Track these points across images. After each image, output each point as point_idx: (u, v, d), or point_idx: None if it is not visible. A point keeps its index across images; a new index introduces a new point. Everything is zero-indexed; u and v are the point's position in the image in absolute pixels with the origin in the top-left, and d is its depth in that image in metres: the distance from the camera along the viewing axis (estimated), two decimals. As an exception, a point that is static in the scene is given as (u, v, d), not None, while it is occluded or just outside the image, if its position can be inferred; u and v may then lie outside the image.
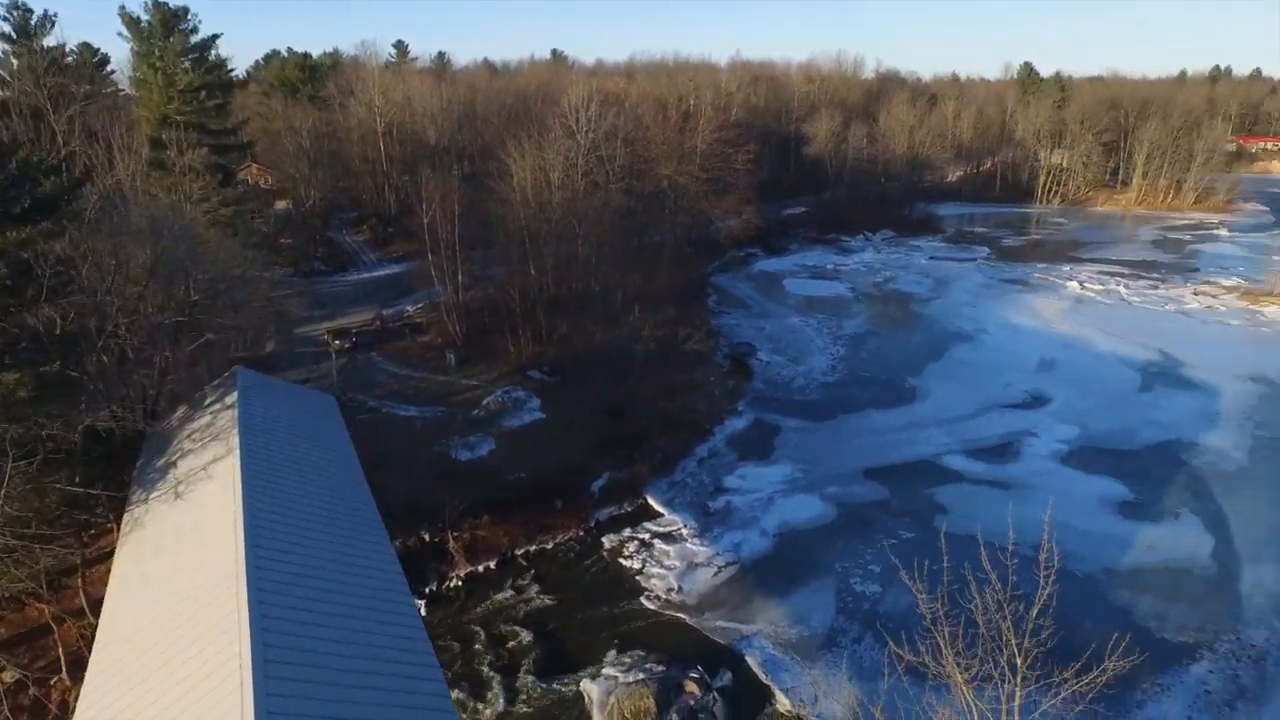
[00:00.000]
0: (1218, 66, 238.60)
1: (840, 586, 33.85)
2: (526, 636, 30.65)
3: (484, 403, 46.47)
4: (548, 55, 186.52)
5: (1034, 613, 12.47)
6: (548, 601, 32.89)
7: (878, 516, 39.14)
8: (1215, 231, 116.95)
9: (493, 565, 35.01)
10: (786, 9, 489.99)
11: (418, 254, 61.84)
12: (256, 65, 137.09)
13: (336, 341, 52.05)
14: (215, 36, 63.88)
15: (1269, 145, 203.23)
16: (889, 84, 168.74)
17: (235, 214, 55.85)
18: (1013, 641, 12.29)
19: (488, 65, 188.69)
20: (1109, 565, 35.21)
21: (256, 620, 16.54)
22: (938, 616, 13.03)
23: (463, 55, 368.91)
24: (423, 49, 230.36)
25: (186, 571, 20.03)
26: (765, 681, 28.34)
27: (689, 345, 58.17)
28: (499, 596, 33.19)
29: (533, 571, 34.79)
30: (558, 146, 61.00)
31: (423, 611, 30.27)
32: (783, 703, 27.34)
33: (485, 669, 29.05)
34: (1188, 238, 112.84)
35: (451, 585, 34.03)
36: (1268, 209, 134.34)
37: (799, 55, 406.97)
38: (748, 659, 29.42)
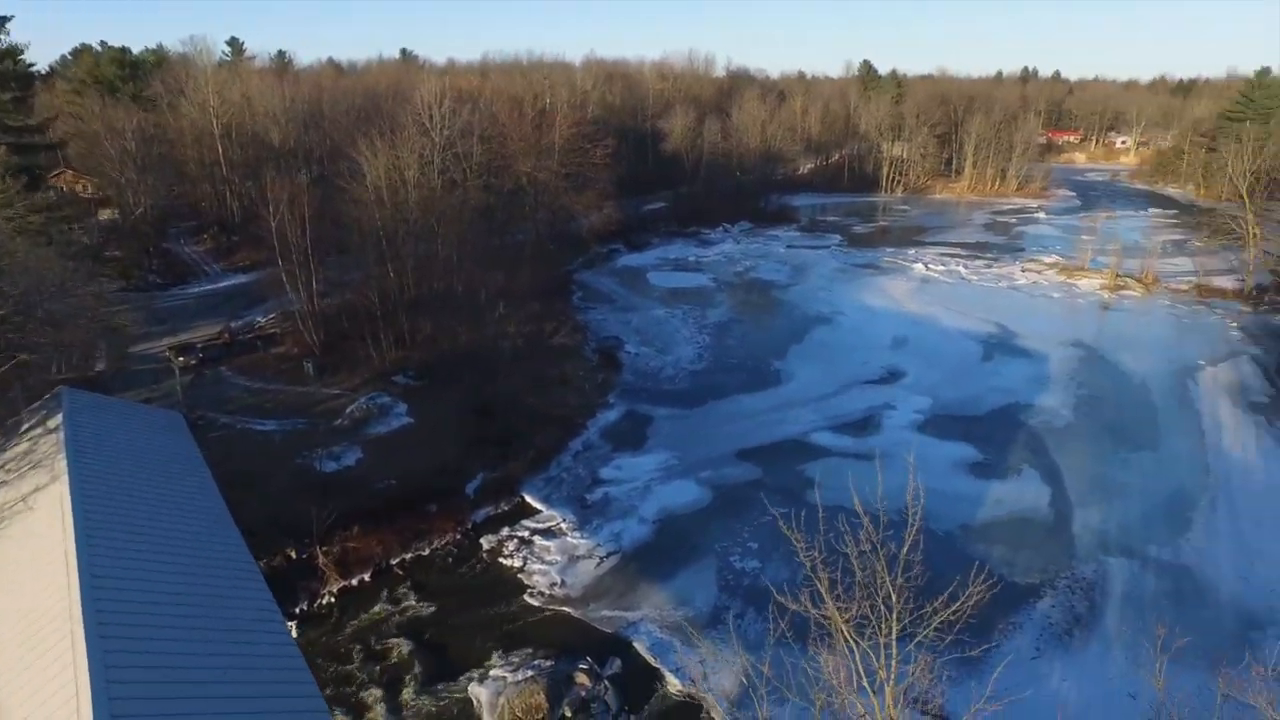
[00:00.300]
0: (1026, 68, 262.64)
1: (721, 565, 34.55)
2: (407, 647, 29.48)
3: (347, 411, 44.40)
4: (397, 55, 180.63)
5: (905, 550, 13.11)
6: (428, 609, 31.78)
7: (752, 495, 39.97)
8: (1036, 215, 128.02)
9: (367, 577, 33.49)
10: (638, 8, 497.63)
11: (268, 262, 58.30)
12: (64, 60, 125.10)
13: (181, 358, 48.35)
14: (5, 19, 57.05)
15: (1071, 139, 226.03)
16: (739, 81, 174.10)
17: (47, 221, 50.63)
18: (888, 581, 12.88)
19: (333, 65, 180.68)
20: (965, 522, 37.70)
21: (97, 663, 14.58)
22: (816, 564, 13.49)
23: (305, 55, 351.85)
24: (260, 48, 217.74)
25: (5, 617, 17.79)
26: (654, 664, 28.54)
27: (556, 340, 57.86)
28: (376, 609, 31.78)
29: (410, 580, 33.53)
30: (412, 144, 59.06)
31: (294, 633, 28.59)
32: (673, 683, 27.60)
33: (366, 686, 27.73)
34: (1013, 220, 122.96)
35: (324, 602, 32.29)
36: (1075, 194, 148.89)
37: (652, 54, 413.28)
38: (635, 644, 29.51)
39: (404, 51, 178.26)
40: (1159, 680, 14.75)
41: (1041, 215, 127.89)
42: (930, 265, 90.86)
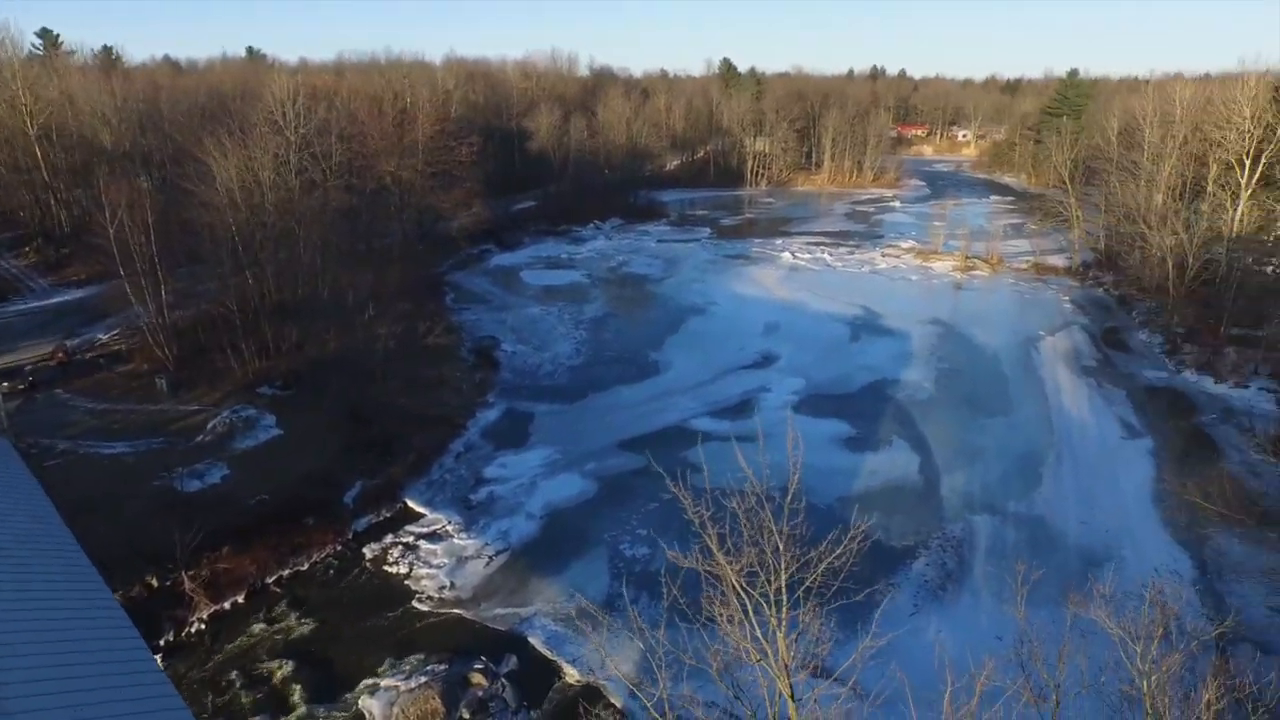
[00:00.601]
0: (875, 67, 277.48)
1: (611, 554, 34.66)
2: (289, 667, 27.92)
3: (209, 427, 41.65)
4: (242, 53, 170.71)
5: (789, 498, 13.59)
6: (310, 626, 30.24)
7: (637, 484, 40.36)
8: (891, 204, 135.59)
9: (241, 599, 31.49)
10: (498, 7, 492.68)
11: (107, 274, 53.77)
12: None
13: (4, 383, 43.98)
14: None
15: (919, 132, 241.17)
16: (603, 80, 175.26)
17: None
18: (774, 531, 13.30)
19: (170, 63, 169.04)
20: (842, 494, 39.36)
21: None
22: (704, 520, 13.78)
23: (136, 51, 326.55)
24: (79, 42, 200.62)
25: None
26: (551, 658, 28.28)
27: (431, 340, 56.40)
28: (252, 631, 29.94)
29: (289, 597, 31.80)
30: (265, 143, 55.91)
31: (161, 666, 26.51)
32: (571, 674, 27.45)
33: (247, 714, 26.08)
34: (872, 209, 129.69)
35: (193, 630, 30.12)
36: (925, 184, 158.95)
37: (514, 53, 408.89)
38: (530, 640, 29.16)
39: (250, 50, 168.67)
40: (1020, 611, 15.96)
41: (897, 204, 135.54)
42: (797, 254, 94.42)
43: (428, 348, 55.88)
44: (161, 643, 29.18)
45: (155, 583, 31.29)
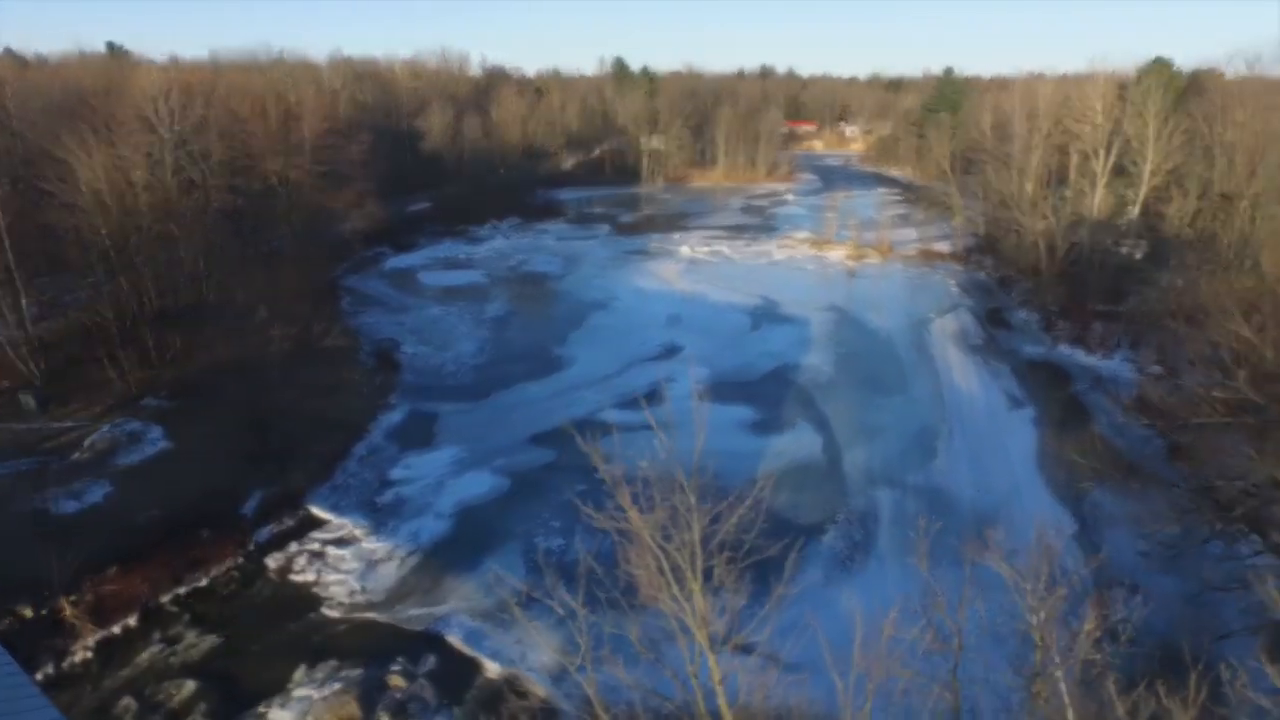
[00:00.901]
0: (764, 65, 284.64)
1: (526, 547, 34.42)
2: (191, 687, 26.50)
3: (87, 444, 39.06)
4: (101, 49, 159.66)
5: (697, 455, 13.98)
6: (212, 642, 28.75)
7: (548, 477, 40.24)
8: (785, 197, 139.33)
9: (133, 621, 29.62)
10: (385, 7, 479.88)
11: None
12: None
13: None
14: None
15: (809, 128, 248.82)
16: (496, 79, 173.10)
17: None
18: (685, 484, 13.67)
19: (13, 56, 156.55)
20: (751, 476, 39.53)
21: None
22: (618, 480, 14.00)
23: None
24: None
25: None
26: (470, 654, 27.85)
27: (328, 343, 54.56)
28: (148, 654, 28.24)
29: (187, 615, 30.14)
30: (136, 142, 52.74)
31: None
32: (491, 668, 27.11)
33: (142, 739, 24.66)
34: (767, 203, 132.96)
35: (78, 659, 28.13)
36: (817, 177, 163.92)
37: (403, 52, 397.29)
38: (448, 638, 28.64)
39: (111, 45, 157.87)
40: (923, 562, 16.87)
41: (790, 197, 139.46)
42: (696, 248, 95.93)
43: (325, 351, 54.01)
44: (39, 676, 27.16)
45: (29, 613, 29.14)
